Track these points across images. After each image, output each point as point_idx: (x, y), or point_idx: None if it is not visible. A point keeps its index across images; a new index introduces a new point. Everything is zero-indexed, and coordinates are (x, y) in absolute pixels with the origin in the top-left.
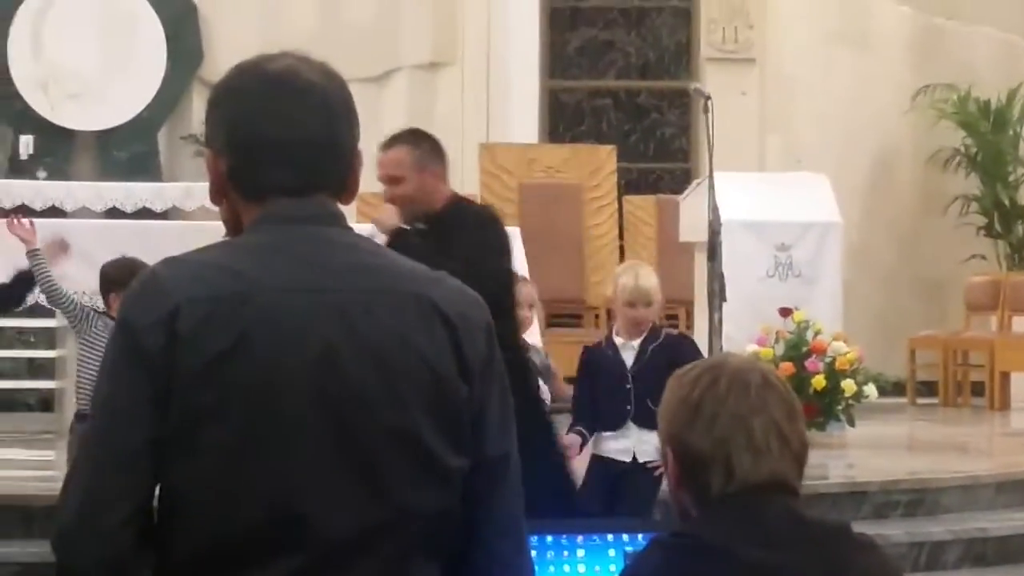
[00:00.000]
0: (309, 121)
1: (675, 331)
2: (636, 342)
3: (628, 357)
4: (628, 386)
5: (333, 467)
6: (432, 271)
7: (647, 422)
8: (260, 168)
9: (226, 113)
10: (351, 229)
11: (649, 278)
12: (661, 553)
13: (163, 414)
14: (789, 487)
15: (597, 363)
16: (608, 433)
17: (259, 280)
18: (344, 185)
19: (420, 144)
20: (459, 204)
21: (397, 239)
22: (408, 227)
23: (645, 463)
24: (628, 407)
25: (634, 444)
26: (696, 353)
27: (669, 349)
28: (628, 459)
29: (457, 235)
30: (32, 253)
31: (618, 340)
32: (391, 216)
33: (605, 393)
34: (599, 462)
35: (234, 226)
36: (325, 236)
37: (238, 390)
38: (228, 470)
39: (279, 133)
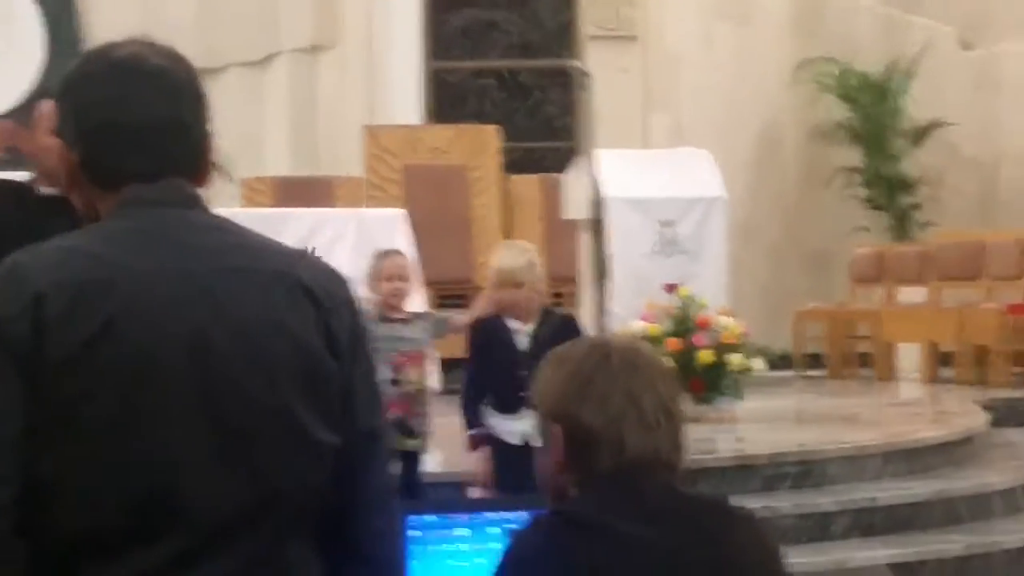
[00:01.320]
0: (157, 105)
1: (561, 311)
2: (529, 326)
3: (521, 341)
4: (523, 372)
5: (207, 448)
6: (295, 249)
7: None
8: (112, 156)
9: (74, 102)
10: (210, 211)
11: (513, 259)
12: (542, 531)
13: (34, 403)
14: (670, 464)
15: (488, 342)
16: (500, 416)
17: (123, 264)
18: (199, 169)
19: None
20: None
21: None
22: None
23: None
24: (522, 393)
25: (528, 429)
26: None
27: (559, 332)
28: (518, 442)
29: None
30: None
31: (511, 324)
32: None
33: (498, 375)
34: (493, 443)
35: (92, 217)
36: (186, 218)
37: (108, 375)
38: (101, 455)
39: (128, 119)
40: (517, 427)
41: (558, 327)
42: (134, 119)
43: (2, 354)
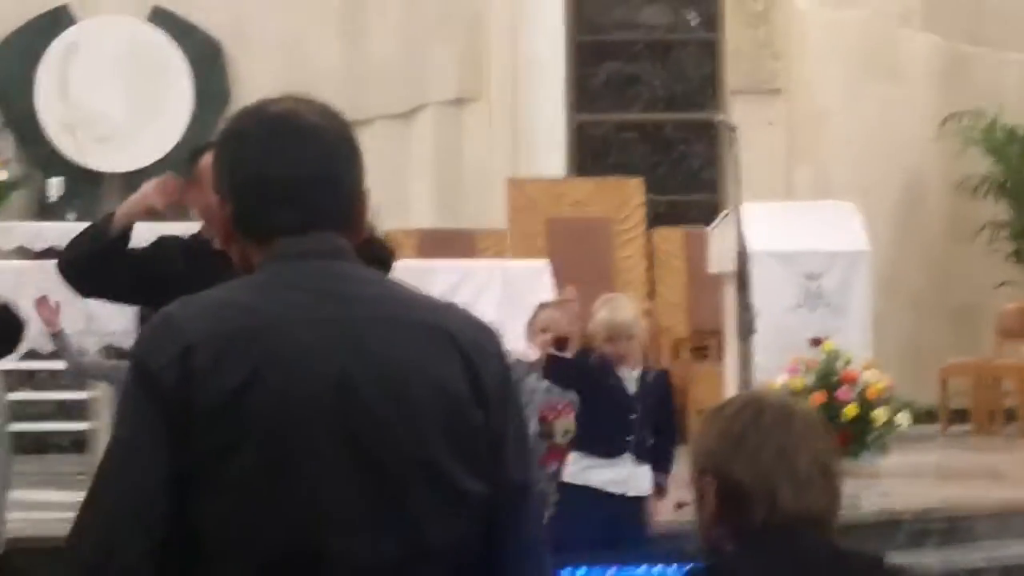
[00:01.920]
0: (309, 160)
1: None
2: (636, 372)
3: (631, 386)
4: (633, 416)
5: (353, 498)
6: (442, 300)
7: (642, 456)
8: (263, 210)
9: (228, 157)
10: (359, 263)
11: (625, 311)
12: None
13: (180, 453)
14: (825, 521)
15: (596, 378)
16: (596, 460)
17: (270, 313)
18: (350, 223)
19: None
20: None
21: None
22: None
23: (636, 497)
24: (629, 437)
25: (628, 478)
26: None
27: (660, 384)
28: (619, 491)
29: None
30: (56, 335)
31: (621, 371)
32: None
33: (601, 416)
34: (583, 492)
35: (247, 270)
36: (334, 269)
37: (255, 425)
38: (248, 506)
39: (279, 173)
40: (616, 474)
41: (661, 382)
42: (283, 173)
43: (152, 404)
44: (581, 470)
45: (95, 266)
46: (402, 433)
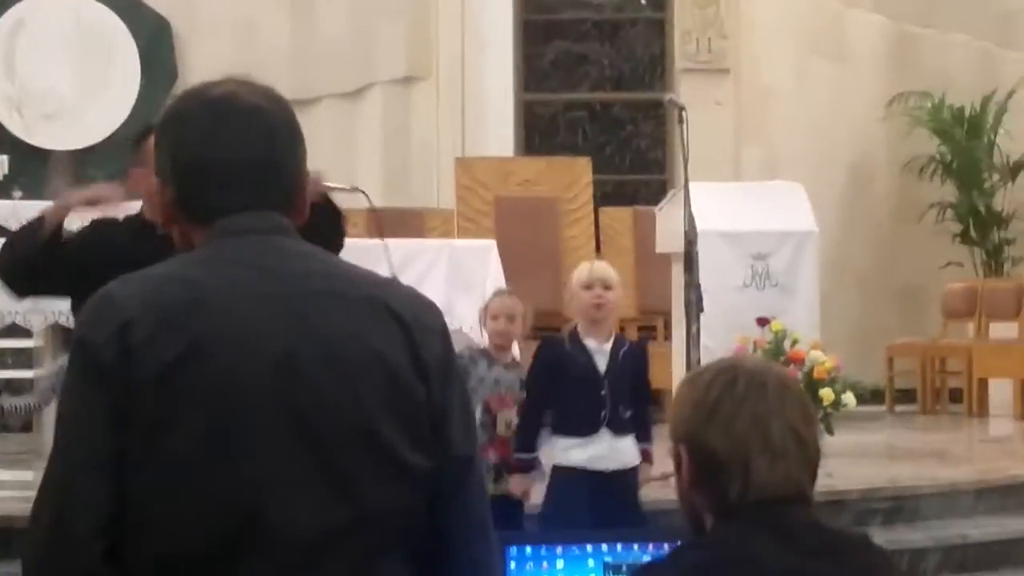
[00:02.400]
0: (251, 143)
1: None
2: (607, 346)
3: (600, 361)
4: (603, 392)
5: (294, 468)
6: (383, 276)
7: (619, 429)
8: (205, 192)
9: (170, 140)
10: (301, 240)
11: (606, 267)
12: (687, 563)
13: (123, 426)
14: (805, 496)
15: (560, 362)
16: (574, 440)
17: (210, 287)
18: (292, 205)
19: None
20: None
21: None
22: None
23: (621, 471)
24: (603, 413)
25: (607, 452)
26: (648, 365)
27: (635, 356)
28: (599, 468)
29: None
30: None
31: (589, 343)
32: None
33: (573, 397)
34: (568, 473)
35: (188, 250)
36: (276, 245)
37: (194, 397)
38: (189, 477)
39: (221, 155)
40: (593, 451)
41: (636, 353)
42: (226, 157)
43: (92, 380)
44: (563, 451)
45: (31, 267)
46: (344, 407)
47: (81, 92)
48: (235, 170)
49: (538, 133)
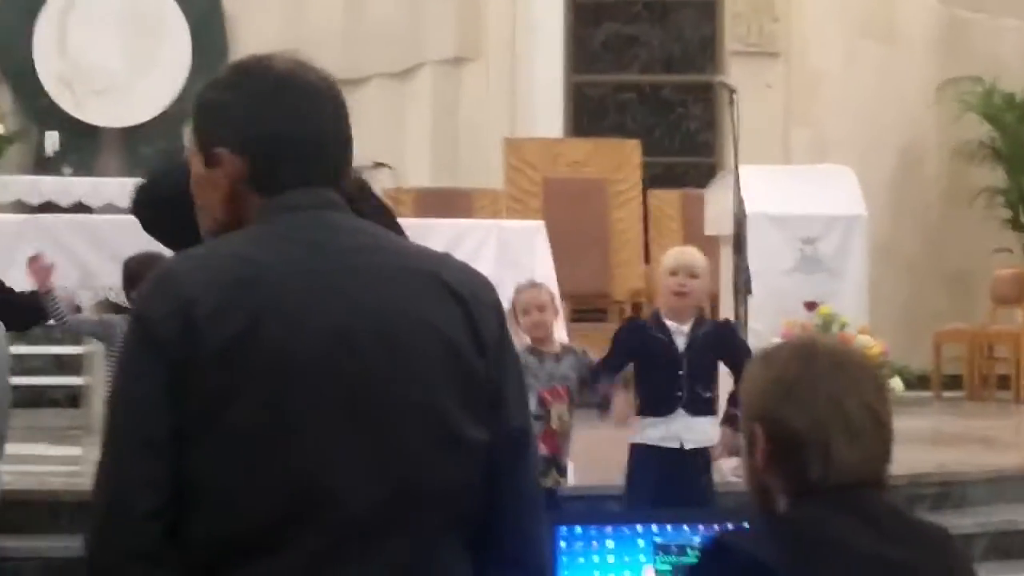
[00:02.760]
0: (321, 118)
1: (720, 319)
2: (686, 327)
3: (680, 342)
4: (681, 372)
5: (350, 443)
6: (438, 252)
7: (696, 409)
8: (281, 165)
9: (239, 113)
10: (353, 214)
11: (694, 254)
12: (767, 543)
13: (182, 403)
14: (881, 476)
15: (643, 343)
16: (652, 419)
17: (268, 264)
18: (341, 181)
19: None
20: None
21: None
22: None
23: (693, 450)
24: (679, 393)
25: (682, 431)
26: (742, 340)
27: (717, 335)
28: (675, 446)
29: None
30: (46, 295)
31: (669, 323)
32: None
33: (652, 377)
34: (644, 450)
35: (217, 232)
36: (330, 220)
37: (253, 373)
38: (248, 452)
39: (295, 130)
40: (669, 430)
41: (719, 332)
42: (299, 131)
43: (152, 353)
44: (641, 429)
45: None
46: (400, 380)
47: (131, 69)
48: (308, 145)
49: (587, 115)
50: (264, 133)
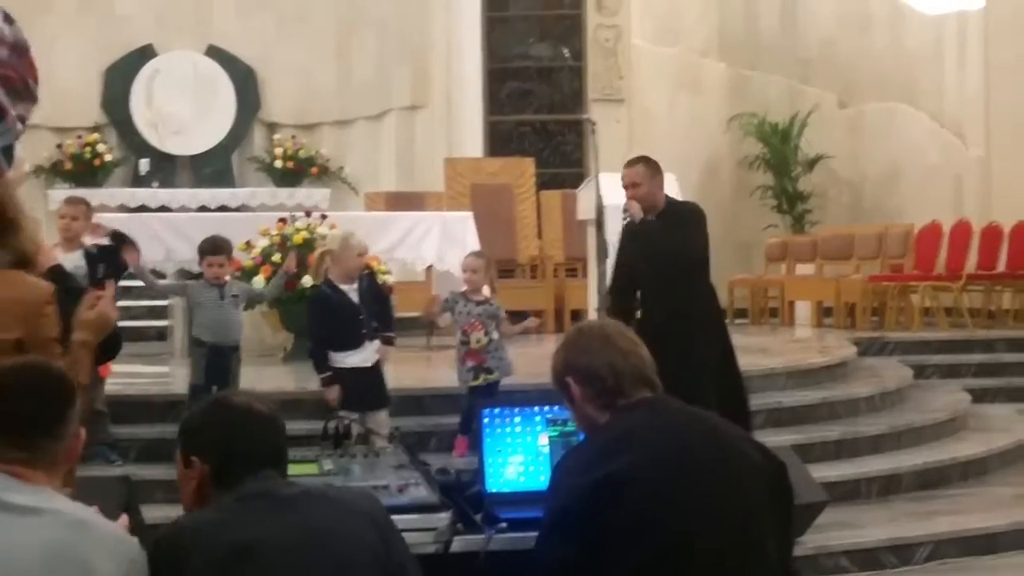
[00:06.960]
0: (268, 438)
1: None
2: (354, 286)
3: (354, 297)
4: (361, 316)
5: None
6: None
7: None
8: (238, 469)
9: (214, 436)
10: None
11: (358, 238)
12: (598, 440)
13: None
14: (656, 384)
15: (331, 304)
16: (344, 352)
17: (252, 529)
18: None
19: (649, 165)
20: (673, 202)
21: (643, 224)
22: (646, 216)
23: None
24: (364, 331)
25: (367, 354)
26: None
27: (372, 285)
28: (362, 364)
29: (676, 221)
30: (138, 269)
31: (343, 287)
32: (639, 209)
33: (343, 324)
34: (342, 373)
35: (195, 501)
36: (280, 491)
37: None
38: None
39: (253, 448)
40: (359, 356)
41: (370, 282)
42: (255, 447)
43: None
44: (336, 358)
45: None
46: None
47: (196, 116)
48: (259, 456)
49: (499, 142)
50: (226, 447)
